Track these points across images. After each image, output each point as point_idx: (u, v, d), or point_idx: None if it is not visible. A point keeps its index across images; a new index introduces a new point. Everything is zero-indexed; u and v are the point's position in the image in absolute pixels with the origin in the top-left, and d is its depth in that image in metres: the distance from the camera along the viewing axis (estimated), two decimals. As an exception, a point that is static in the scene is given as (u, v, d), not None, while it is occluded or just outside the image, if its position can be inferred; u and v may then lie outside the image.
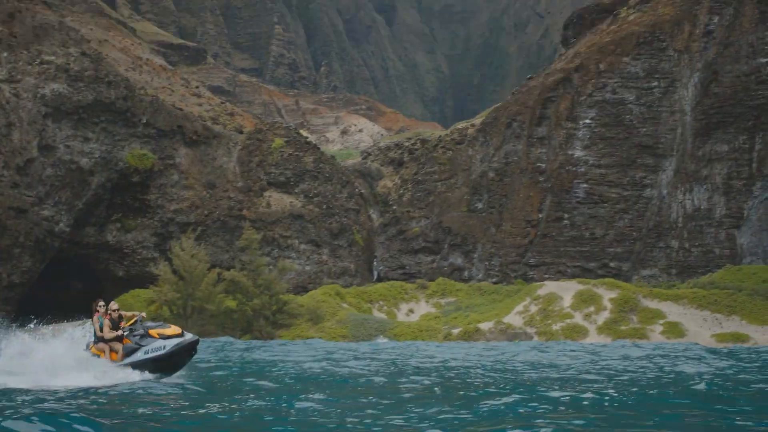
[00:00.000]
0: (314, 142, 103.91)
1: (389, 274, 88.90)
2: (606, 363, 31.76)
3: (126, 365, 21.44)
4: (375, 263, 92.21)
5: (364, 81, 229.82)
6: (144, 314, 23.38)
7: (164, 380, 21.59)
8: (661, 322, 61.94)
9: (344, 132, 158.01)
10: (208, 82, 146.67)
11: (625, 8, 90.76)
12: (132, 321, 22.32)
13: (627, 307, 64.21)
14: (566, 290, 67.99)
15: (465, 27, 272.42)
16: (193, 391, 20.06)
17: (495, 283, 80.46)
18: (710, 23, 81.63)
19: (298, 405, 16.15)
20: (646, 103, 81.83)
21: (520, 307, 67.44)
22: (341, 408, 15.37)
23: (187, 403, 16.61)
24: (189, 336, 22.04)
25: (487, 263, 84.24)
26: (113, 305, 22.52)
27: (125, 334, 21.92)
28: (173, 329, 22.15)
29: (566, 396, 16.99)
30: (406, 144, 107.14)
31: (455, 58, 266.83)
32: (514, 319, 65.66)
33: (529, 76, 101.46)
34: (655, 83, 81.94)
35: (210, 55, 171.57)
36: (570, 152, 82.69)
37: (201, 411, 14.96)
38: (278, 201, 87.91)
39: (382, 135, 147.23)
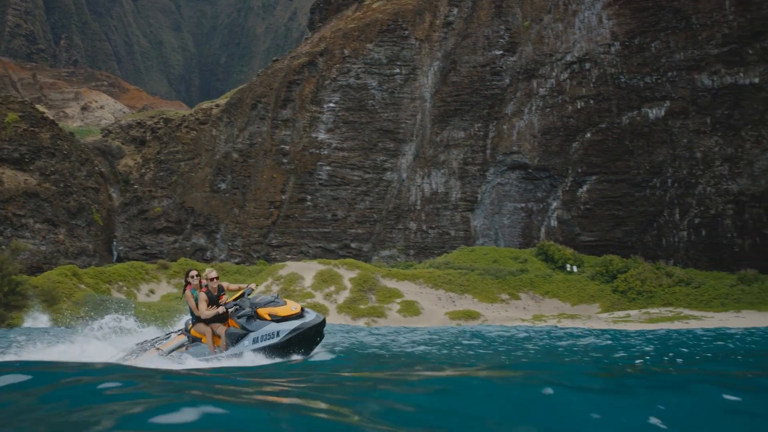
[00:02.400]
0: (52, 118, 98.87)
1: (129, 254, 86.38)
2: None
3: (230, 357, 16.22)
4: (115, 243, 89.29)
5: (106, 56, 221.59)
6: (254, 286, 17.76)
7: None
8: (399, 301, 63.53)
9: (84, 108, 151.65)
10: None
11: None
12: (237, 295, 17.13)
13: (366, 287, 65.43)
14: (308, 270, 68.48)
15: (212, 6, 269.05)
16: None
17: (238, 263, 79.88)
18: (450, 15, 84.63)
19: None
20: (388, 89, 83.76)
21: (261, 287, 67.21)
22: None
23: None
24: (311, 316, 16.65)
25: (230, 243, 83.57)
26: (210, 273, 17.28)
27: (230, 312, 16.78)
28: (289, 307, 16.59)
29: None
30: (149, 122, 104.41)
31: (202, 36, 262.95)
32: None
33: (275, 58, 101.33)
34: (397, 70, 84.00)
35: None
36: (314, 135, 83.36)
37: None
38: (11, 178, 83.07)
39: (124, 112, 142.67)
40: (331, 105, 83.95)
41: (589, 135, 76.07)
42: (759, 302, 58.48)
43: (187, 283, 17.48)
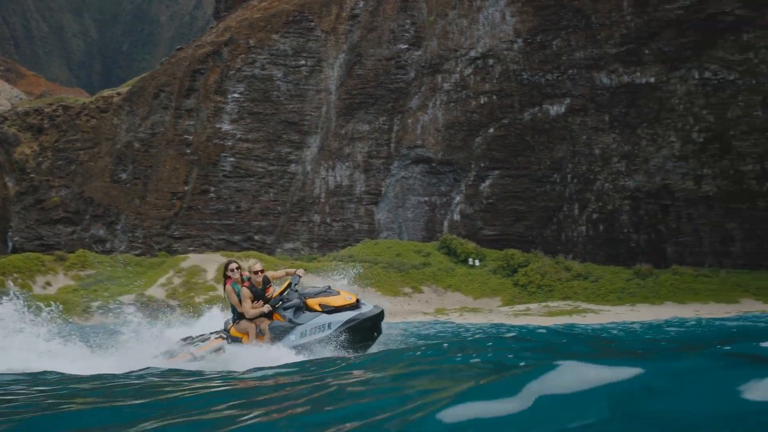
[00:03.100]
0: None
1: (25, 245, 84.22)
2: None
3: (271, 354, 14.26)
4: (9, 234, 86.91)
5: (3, 40, 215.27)
6: (302, 272, 15.91)
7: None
8: (302, 293, 63.45)
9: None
10: None
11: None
12: (284, 287, 15.38)
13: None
14: (210, 263, 67.82)
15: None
16: None
17: (138, 255, 78.67)
18: (356, 7, 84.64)
19: None
20: (294, 80, 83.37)
21: (163, 280, 66.40)
22: None
23: None
24: (368, 307, 14.79)
25: (130, 235, 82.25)
26: (255, 265, 15.60)
27: (276, 307, 15.14)
28: (342, 297, 14.82)
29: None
30: (48, 110, 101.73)
31: (104, 22, 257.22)
32: (156, 291, 64.52)
33: (179, 46, 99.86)
34: (303, 62, 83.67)
35: None
36: (218, 125, 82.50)
37: None
38: None
39: (21, 99, 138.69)
40: (236, 95, 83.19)
41: (491, 130, 77.08)
42: (653, 296, 60.21)
43: (227, 277, 15.99)
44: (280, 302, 15.00)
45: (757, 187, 67.61)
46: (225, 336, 15.74)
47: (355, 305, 14.57)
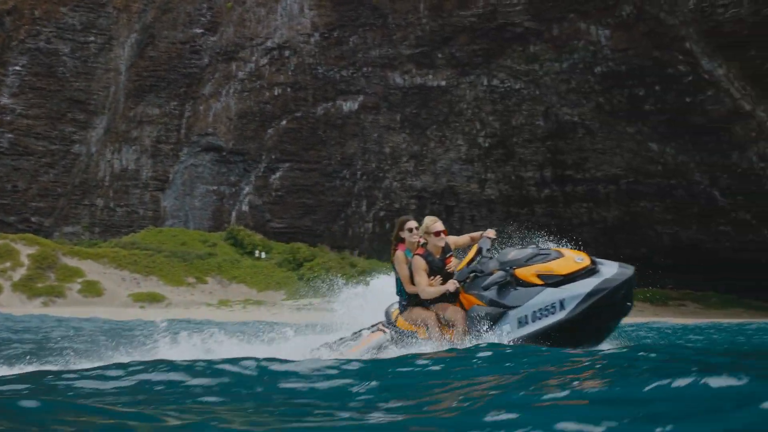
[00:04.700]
0: None
1: None
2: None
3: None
4: None
5: None
6: (493, 233, 10.92)
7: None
8: (80, 280, 61.20)
9: None
10: None
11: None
12: (472, 255, 10.50)
13: (45, 264, 62.37)
14: (-20, 244, 64.34)
15: None
16: None
17: None
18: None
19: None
20: (82, 57, 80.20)
21: (-71, 262, 62.37)
22: None
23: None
24: (611, 268, 9.57)
25: None
26: (435, 224, 10.60)
27: (465, 284, 10.20)
28: (571, 259, 9.64)
29: None
30: None
31: None
32: None
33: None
34: (92, 38, 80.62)
35: None
36: (-4, 99, 78.28)
37: None
38: None
39: None
40: (18, 68, 79.09)
41: (284, 122, 76.89)
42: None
43: (400, 240, 11.14)
44: (472, 275, 10.18)
45: (536, 193, 70.78)
46: (391, 329, 10.92)
47: (593, 269, 9.54)
